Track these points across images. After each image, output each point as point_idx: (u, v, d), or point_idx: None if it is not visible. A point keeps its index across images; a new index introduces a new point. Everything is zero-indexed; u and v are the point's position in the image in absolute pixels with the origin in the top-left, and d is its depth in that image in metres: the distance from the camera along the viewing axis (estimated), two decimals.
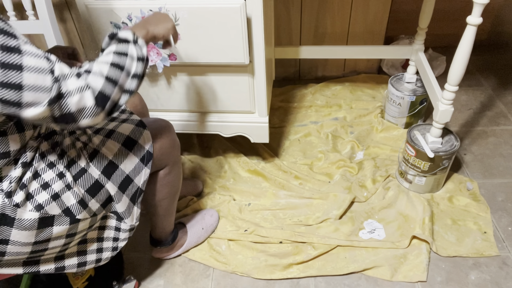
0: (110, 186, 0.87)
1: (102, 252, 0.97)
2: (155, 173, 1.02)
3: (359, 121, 1.75)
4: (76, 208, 0.83)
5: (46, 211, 0.79)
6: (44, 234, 0.80)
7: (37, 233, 0.79)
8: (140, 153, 0.92)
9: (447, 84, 1.21)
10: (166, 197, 1.07)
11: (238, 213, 1.37)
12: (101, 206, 0.88)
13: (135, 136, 0.92)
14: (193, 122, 1.39)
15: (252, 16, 1.12)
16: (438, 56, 2.00)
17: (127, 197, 0.91)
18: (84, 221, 0.86)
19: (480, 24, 1.07)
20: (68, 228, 0.83)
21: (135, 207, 0.95)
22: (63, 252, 0.90)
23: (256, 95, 1.31)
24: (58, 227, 0.81)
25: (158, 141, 0.96)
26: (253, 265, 1.22)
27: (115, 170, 0.88)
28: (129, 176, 0.90)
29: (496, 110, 1.78)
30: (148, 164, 0.93)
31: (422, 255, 1.21)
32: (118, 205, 0.91)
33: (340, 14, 1.83)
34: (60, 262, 0.91)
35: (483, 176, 1.48)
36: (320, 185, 1.46)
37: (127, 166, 0.89)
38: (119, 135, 0.90)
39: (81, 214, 0.84)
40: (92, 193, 0.85)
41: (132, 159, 0.90)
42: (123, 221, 0.94)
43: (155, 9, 1.10)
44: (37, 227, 0.79)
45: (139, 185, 0.93)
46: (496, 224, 1.30)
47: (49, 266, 0.89)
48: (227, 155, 1.60)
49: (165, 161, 1.00)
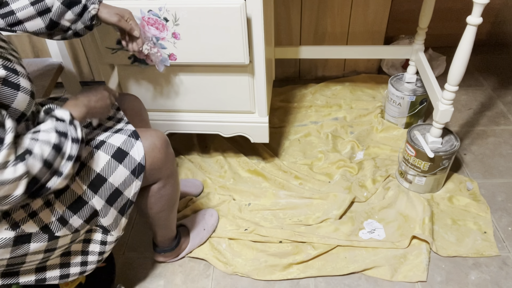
0: (96, 201, 0.85)
1: (87, 266, 0.94)
2: (148, 187, 0.98)
3: (359, 121, 1.75)
4: (55, 225, 0.80)
5: (23, 229, 0.77)
6: (20, 250, 0.78)
7: (12, 250, 0.77)
8: (131, 165, 0.89)
9: (447, 84, 1.21)
10: (164, 209, 1.05)
11: (238, 212, 1.37)
12: (84, 222, 0.85)
13: (127, 148, 0.89)
14: (193, 122, 1.39)
15: (252, 16, 1.12)
16: (438, 56, 2.00)
17: (115, 210, 0.89)
18: (64, 238, 0.83)
19: (480, 24, 1.07)
20: (47, 244, 0.81)
21: (124, 218, 0.93)
22: (44, 264, 0.87)
23: (256, 95, 1.31)
24: (36, 244, 0.79)
25: (150, 156, 0.92)
26: (253, 266, 1.22)
27: (103, 184, 0.85)
28: (118, 189, 0.88)
29: (496, 110, 1.78)
30: (140, 177, 0.90)
31: (422, 255, 1.21)
32: (104, 219, 0.88)
33: (340, 14, 1.83)
34: (41, 274, 0.88)
35: (483, 176, 1.48)
36: (320, 185, 1.46)
37: (116, 179, 0.87)
38: (110, 146, 0.88)
39: (60, 231, 0.81)
40: (74, 210, 0.82)
41: (122, 172, 0.88)
42: (110, 234, 0.92)
43: (155, 9, 1.10)
44: (12, 245, 0.76)
45: (129, 197, 0.90)
46: (496, 224, 1.30)
47: (29, 278, 0.86)
48: (227, 155, 1.60)
49: (156, 176, 0.96)
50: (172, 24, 1.12)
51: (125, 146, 0.89)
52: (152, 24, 1.13)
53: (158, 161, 0.94)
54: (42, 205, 0.79)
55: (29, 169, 0.65)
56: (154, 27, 1.13)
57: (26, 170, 0.65)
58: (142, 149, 0.90)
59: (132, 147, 0.89)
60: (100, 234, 0.92)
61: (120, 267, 1.25)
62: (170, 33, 1.14)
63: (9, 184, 0.63)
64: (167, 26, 1.13)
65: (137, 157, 0.89)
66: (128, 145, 0.89)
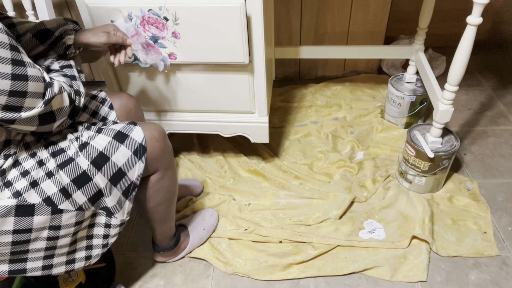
0: (99, 178, 0.86)
1: (92, 250, 0.95)
2: (147, 178, 0.99)
3: (359, 121, 1.75)
4: (58, 197, 0.82)
5: (24, 198, 0.78)
6: (24, 223, 0.79)
7: (16, 221, 0.78)
8: (133, 146, 0.90)
9: (447, 84, 1.21)
10: (162, 202, 1.05)
11: (238, 212, 1.37)
12: (88, 200, 0.86)
13: (126, 131, 0.91)
14: (193, 122, 1.39)
15: (252, 16, 1.12)
16: (438, 56, 2.00)
17: (119, 191, 0.90)
18: (67, 213, 0.84)
19: (480, 24, 1.07)
20: (50, 218, 0.82)
21: (128, 201, 0.93)
22: (52, 251, 0.88)
23: (256, 95, 1.30)
24: (39, 217, 0.80)
25: (149, 145, 0.93)
26: (253, 266, 1.22)
27: (106, 162, 0.87)
28: (122, 169, 0.89)
29: (496, 110, 1.78)
30: (142, 158, 0.91)
31: (422, 255, 1.21)
32: (108, 199, 0.89)
33: (340, 14, 1.83)
34: (48, 261, 0.89)
35: (483, 176, 1.48)
36: (320, 185, 1.46)
37: (119, 159, 0.89)
38: (110, 130, 0.91)
39: (63, 204, 0.82)
40: (78, 184, 0.84)
41: (125, 152, 0.89)
42: (114, 216, 0.93)
43: (155, 8, 1.10)
44: (15, 214, 0.78)
45: (133, 179, 0.92)
46: (496, 224, 1.30)
47: (36, 264, 0.87)
48: (227, 155, 1.60)
49: (155, 166, 0.97)
50: (172, 23, 1.12)
51: (125, 130, 0.92)
52: (152, 24, 1.13)
53: (157, 151, 0.95)
54: (43, 176, 0.81)
55: (64, 87, 0.81)
56: (154, 26, 1.13)
57: (61, 86, 0.80)
58: (141, 132, 0.92)
59: (131, 131, 0.92)
60: (104, 217, 0.93)
61: (120, 267, 1.25)
62: (170, 32, 1.14)
63: (58, 95, 0.78)
64: (167, 25, 1.13)
65: (137, 139, 0.91)
66: (128, 129, 0.92)
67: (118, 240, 1.32)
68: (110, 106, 1.07)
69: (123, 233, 1.34)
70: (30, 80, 0.71)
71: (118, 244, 1.31)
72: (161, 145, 0.96)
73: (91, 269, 1.17)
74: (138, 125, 0.94)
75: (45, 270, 0.89)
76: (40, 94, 0.74)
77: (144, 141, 0.92)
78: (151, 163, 0.96)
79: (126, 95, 1.14)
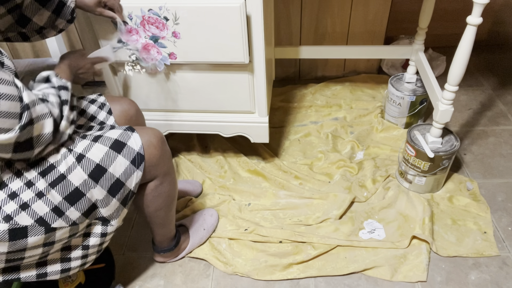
0: (98, 191, 0.85)
1: (87, 258, 0.94)
2: (145, 185, 0.98)
3: (359, 121, 1.75)
4: (50, 216, 0.80)
5: (16, 221, 0.76)
6: (18, 245, 0.78)
7: (10, 244, 0.77)
8: (130, 156, 0.89)
9: (447, 84, 1.21)
10: (162, 207, 1.04)
11: (238, 212, 1.37)
12: (82, 215, 0.84)
13: (124, 139, 0.89)
14: (193, 122, 1.39)
15: (252, 16, 1.12)
16: (438, 56, 2.00)
17: (118, 201, 0.89)
18: (61, 230, 0.83)
19: (480, 24, 1.07)
20: (44, 237, 0.81)
21: (125, 209, 0.93)
22: (45, 258, 0.87)
23: (256, 95, 1.30)
24: (33, 238, 0.79)
25: (146, 152, 0.91)
26: (253, 266, 1.22)
27: (103, 174, 0.85)
28: (120, 180, 0.88)
29: (496, 110, 1.78)
30: (140, 167, 0.90)
31: (422, 255, 1.21)
32: (105, 209, 0.88)
33: (340, 14, 1.83)
34: (42, 269, 0.88)
35: (483, 176, 1.48)
36: (320, 185, 1.46)
37: (116, 169, 0.87)
38: (107, 139, 0.88)
39: (56, 223, 0.81)
40: (71, 201, 0.82)
41: (122, 162, 0.88)
42: (110, 224, 0.92)
43: (155, 8, 1.10)
44: (9, 239, 0.76)
45: (131, 188, 0.90)
46: (496, 224, 1.30)
47: (30, 273, 0.86)
48: (227, 155, 1.60)
49: (153, 173, 0.96)
50: (172, 23, 1.12)
51: (122, 138, 0.89)
52: (152, 23, 1.13)
53: (154, 158, 0.94)
54: (33, 197, 0.79)
55: (51, 110, 0.76)
56: (154, 26, 1.13)
57: (48, 109, 0.75)
58: (139, 139, 0.91)
59: (129, 138, 0.90)
60: (100, 227, 0.92)
61: (119, 267, 1.24)
62: (170, 32, 1.14)
63: (40, 121, 0.73)
64: (167, 25, 1.13)
65: (135, 147, 0.90)
66: (125, 137, 0.90)
67: (118, 240, 1.32)
68: (109, 111, 1.05)
69: (123, 233, 1.34)
70: (2, 99, 0.65)
71: (118, 244, 1.31)
72: (159, 152, 0.94)
73: (91, 270, 1.17)
74: (135, 131, 0.92)
75: (39, 278, 0.88)
76: (15, 115, 0.68)
77: (142, 149, 0.90)
78: (149, 170, 0.94)
79: (128, 100, 1.13)
